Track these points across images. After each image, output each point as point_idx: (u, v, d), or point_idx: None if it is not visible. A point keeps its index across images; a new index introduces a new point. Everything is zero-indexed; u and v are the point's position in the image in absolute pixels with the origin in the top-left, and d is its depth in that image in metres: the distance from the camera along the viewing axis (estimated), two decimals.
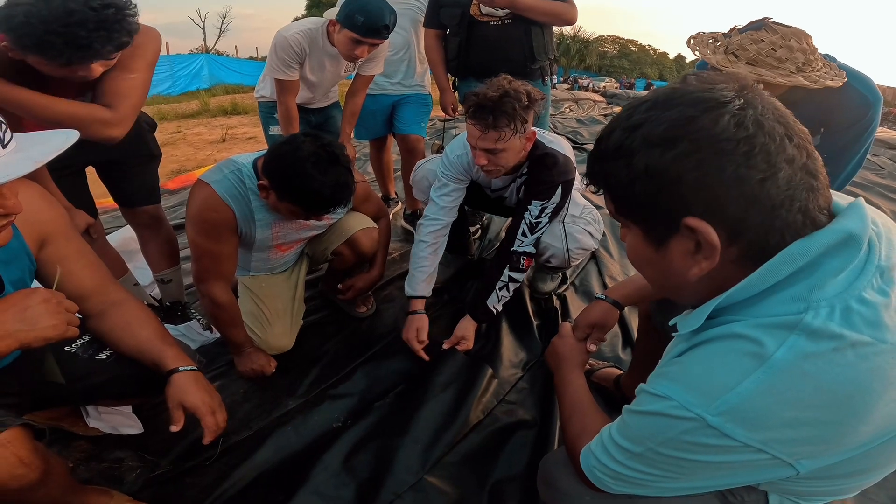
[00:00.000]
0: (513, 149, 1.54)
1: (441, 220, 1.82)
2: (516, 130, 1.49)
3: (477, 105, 1.48)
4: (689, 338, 0.65)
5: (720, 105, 0.54)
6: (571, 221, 1.85)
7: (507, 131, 1.48)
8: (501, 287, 1.72)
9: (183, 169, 4.78)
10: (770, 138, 0.53)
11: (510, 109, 1.45)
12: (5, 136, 0.76)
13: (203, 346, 1.82)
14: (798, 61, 1.37)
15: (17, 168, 0.74)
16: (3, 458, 0.81)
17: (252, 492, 1.27)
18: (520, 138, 1.53)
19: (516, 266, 1.72)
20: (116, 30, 1.14)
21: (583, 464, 0.77)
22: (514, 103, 1.45)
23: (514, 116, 1.46)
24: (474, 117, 1.50)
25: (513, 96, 1.45)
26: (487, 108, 1.46)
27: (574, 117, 7.62)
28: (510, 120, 1.46)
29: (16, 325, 0.84)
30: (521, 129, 1.51)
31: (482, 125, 1.48)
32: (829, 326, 0.53)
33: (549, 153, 1.66)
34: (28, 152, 0.77)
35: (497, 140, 1.49)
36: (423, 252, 1.81)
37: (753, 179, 0.53)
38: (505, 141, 1.50)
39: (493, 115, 1.46)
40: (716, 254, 0.56)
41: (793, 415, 0.53)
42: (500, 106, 1.44)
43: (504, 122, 1.46)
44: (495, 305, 1.74)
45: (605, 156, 0.62)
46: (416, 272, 1.81)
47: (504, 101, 1.44)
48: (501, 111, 1.45)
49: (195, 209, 1.44)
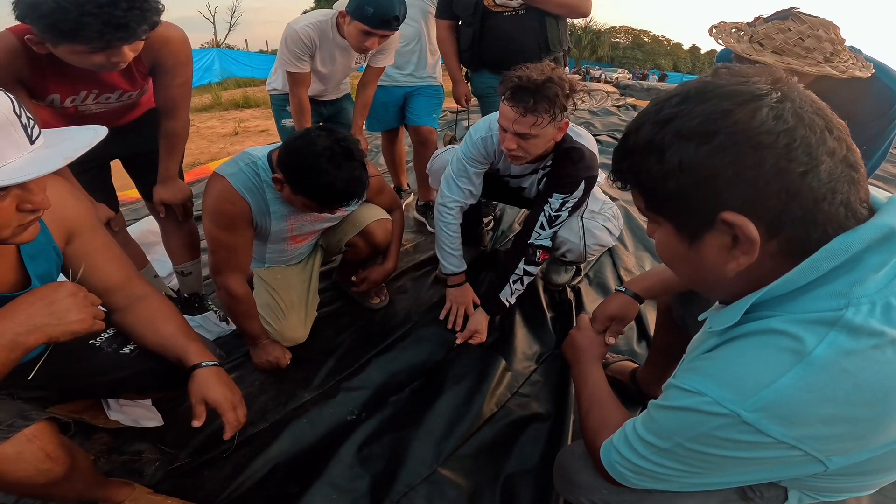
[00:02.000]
0: (545, 136, 1.50)
1: (461, 202, 1.81)
2: (554, 118, 1.45)
3: (518, 87, 1.42)
4: (720, 333, 0.64)
5: (756, 98, 0.53)
6: (590, 217, 1.83)
7: (545, 117, 1.43)
8: (515, 280, 1.70)
9: (197, 162, 4.81)
10: (810, 131, 0.52)
11: (552, 95, 1.40)
12: (33, 132, 0.76)
13: (219, 337, 1.84)
14: (826, 51, 1.34)
15: (48, 164, 0.74)
16: (31, 452, 0.82)
17: (268, 483, 1.28)
18: (554, 127, 1.49)
19: (532, 259, 1.69)
20: (148, 8, 1.15)
21: (603, 458, 0.76)
22: (557, 89, 1.40)
23: (554, 102, 1.41)
24: (513, 99, 1.43)
25: (557, 82, 1.40)
26: (529, 90, 1.40)
27: (587, 108, 7.54)
28: (550, 106, 1.42)
29: (44, 319, 0.85)
30: (559, 118, 1.47)
31: (521, 108, 1.42)
32: (869, 323, 0.52)
33: (576, 147, 1.63)
34: (57, 148, 0.77)
35: (532, 125, 1.44)
36: (450, 231, 1.82)
37: (794, 173, 0.51)
38: (540, 127, 1.45)
39: (535, 99, 1.40)
40: (755, 248, 0.55)
41: (829, 412, 0.53)
42: (544, 90, 1.39)
43: (544, 107, 1.41)
44: (508, 298, 1.73)
45: (634, 151, 0.60)
46: (447, 253, 1.83)
47: (548, 85, 1.39)
48: (543, 95, 1.40)
49: (211, 202, 1.45)
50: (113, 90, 1.44)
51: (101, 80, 1.35)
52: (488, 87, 2.41)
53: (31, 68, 1.25)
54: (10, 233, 0.81)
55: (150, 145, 1.64)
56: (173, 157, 1.66)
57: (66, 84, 1.33)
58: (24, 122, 0.74)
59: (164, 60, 1.44)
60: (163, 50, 1.41)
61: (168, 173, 1.67)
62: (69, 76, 1.24)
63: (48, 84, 1.31)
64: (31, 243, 0.91)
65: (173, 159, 1.66)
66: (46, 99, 1.35)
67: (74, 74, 1.23)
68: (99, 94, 1.42)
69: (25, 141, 0.74)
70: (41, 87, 1.31)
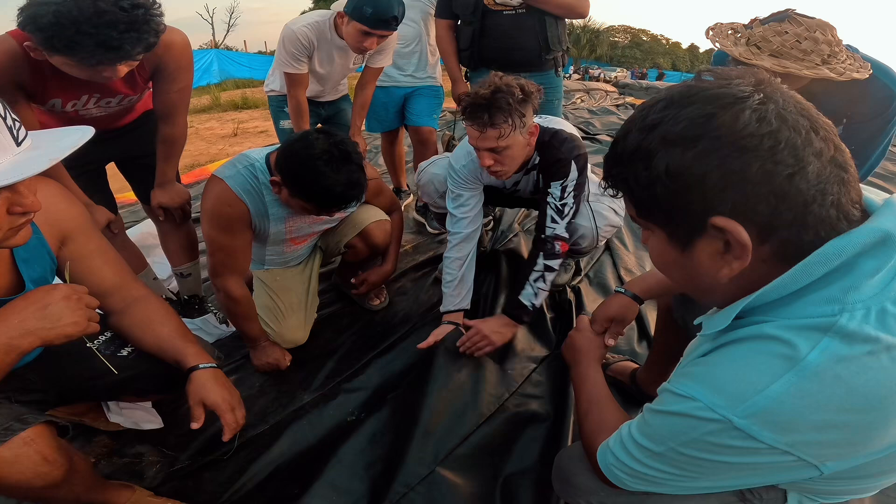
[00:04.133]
0: (516, 145, 1.48)
1: (463, 233, 1.74)
2: (515, 126, 1.43)
3: (470, 105, 1.42)
4: (714, 337, 0.64)
5: (739, 100, 0.53)
6: (595, 199, 1.82)
7: (505, 127, 1.42)
8: (537, 278, 1.61)
9: (196, 163, 4.82)
10: (795, 132, 0.51)
11: (505, 104, 1.39)
12: (19, 133, 0.76)
13: (219, 339, 1.84)
14: (823, 53, 1.34)
15: (33, 166, 0.73)
16: (28, 456, 0.82)
17: (268, 485, 1.28)
18: (521, 133, 1.48)
19: (551, 252, 1.61)
20: (146, 31, 1.15)
21: (600, 461, 0.76)
22: (507, 98, 1.39)
23: (510, 111, 1.41)
24: (470, 118, 1.44)
25: (505, 91, 1.40)
26: (482, 106, 1.40)
27: (586, 108, 7.54)
28: (507, 115, 1.41)
29: (37, 323, 0.84)
30: (521, 124, 1.45)
31: (479, 124, 1.43)
32: (864, 329, 0.51)
33: (554, 133, 1.62)
34: (43, 149, 0.77)
35: (498, 138, 1.44)
36: (447, 266, 1.74)
37: (781, 175, 0.51)
38: (506, 137, 1.44)
39: (489, 113, 1.40)
40: (747, 253, 0.54)
41: (822, 418, 0.52)
42: (494, 102, 1.39)
43: (501, 118, 1.41)
44: (532, 300, 1.61)
45: (622, 158, 0.60)
46: (446, 290, 1.73)
47: (497, 96, 1.39)
48: (496, 107, 1.39)
49: (210, 204, 1.45)
50: (114, 95, 1.44)
51: (102, 84, 1.35)
52: None
53: (32, 72, 1.25)
54: (1, 236, 0.80)
55: (147, 148, 1.65)
56: (170, 162, 1.66)
57: (67, 89, 1.33)
58: (9, 123, 0.74)
59: (166, 65, 1.45)
60: (165, 55, 1.41)
61: (165, 177, 1.67)
62: (70, 81, 1.24)
63: (49, 89, 1.31)
64: (24, 247, 0.91)
65: (170, 164, 1.67)
66: (47, 104, 1.36)
67: (75, 79, 1.23)
68: (100, 98, 1.42)
69: (11, 143, 0.74)
70: (41, 92, 1.31)
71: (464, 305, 1.73)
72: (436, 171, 1.97)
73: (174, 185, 1.71)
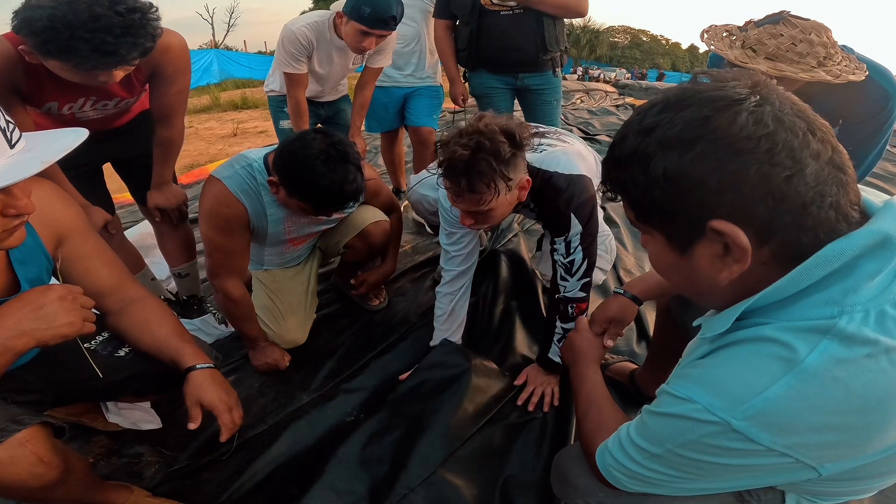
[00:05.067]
0: (501, 206, 1.25)
1: (455, 270, 1.61)
2: (499, 191, 1.19)
3: (447, 165, 1.19)
4: (713, 339, 0.63)
5: (735, 103, 0.52)
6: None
7: (487, 195, 1.19)
8: (560, 339, 1.52)
9: (196, 163, 4.82)
10: (792, 134, 0.51)
11: (486, 169, 1.15)
12: (13, 135, 0.76)
13: (218, 340, 1.83)
14: (819, 55, 1.33)
15: (26, 168, 0.73)
16: (23, 457, 0.82)
17: (267, 486, 1.28)
18: (507, 195, 1.24)
19: (566, 316, 1.48)
20: (142, 35, 1.14)
21: (598, 461, 0.76)
22: (489, 161, 1.14)
23: (492, 176, 1.16)
24: (446, 178, 1.21)
25: (488, 150, 1.14)
26: (458, 169, 1.16)
27: (585, 108, 7.54)
28: (488, 182, 1.17)
29: (32, 324, 0.84)
30: (506, 188, 1.21)
31: (455, 190, 1.21)
32: (863, 332, 0.51)
33: (548, 180, 1.38)
34: (37, 152, 0.77)
35: (479, 203, 1.22)
36: (441, 302, 1.63)
37: (779, 177, 0.51)
38: (487, 203, 1.21)
39: (468, 179, 1.16)
40: (747, 256, 0.54)
41: (820, 420, 0.52)
42: (474, 165, 1.14)
43: (481, 185, 1.17)
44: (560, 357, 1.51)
45: (619, 162, 0.60)
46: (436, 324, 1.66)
47: (477, 158, 1.14)
48: (476, 172, 1.15)
49: (208, 205, 1.45)
50: (111, 97, 1.44)
51: (98, 87, 1.35)
52: (486, 86, 2.41)
53: (28, 76, 1.24)
54: None
55: (144, 149, 1.64)
56: (167, 164, 1.66)
57: (64, 92, 1.32)
58: (2, 125, 0.74)
59: (164, 68, 1.44)
60: (162, 58, 1.40)
61: (162, 179, 1.67)
62: (67, 84, 1.24)
63: (45, 92, 1.30)
64: (19, 248, 0.90)
65: (167, 166, 1.66)
66: (44, 106, 1.35)
67: (72, 82, 1.22)
68: (97, 101, 1.42)
69: (4, 145, 0.74)
70: (38, 95, 1.31)
71: (454, 340, 1.65)
72: (424, 192, 1.88)
73: (171, 187, 1.70)
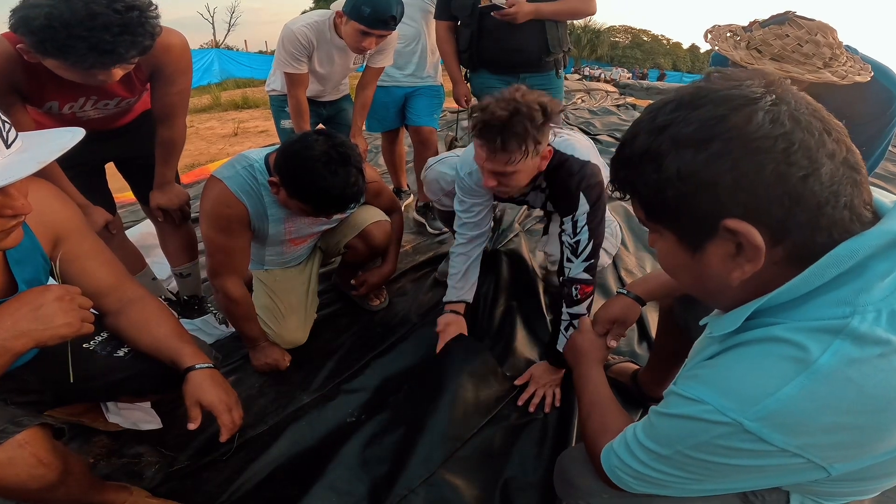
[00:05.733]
0: (525, 170, 1.35)
1: (467, 234, 1.69)
2: (528, 153, 1.30)
3: (484, 123, 1.28)
4: (722, 339, 0.63)
5: (751, 102, 0.52)
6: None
7: (517, 154, 1.29)
8: (566, 326, 1.52)
9: (196, 163, 4.81)
10: (808, 133, 0.51)
11: (521, 130, 1.25)
12: (9, 135, 0.76)
13: (218, 340, 1.83)
14: (825, 56, 1.32)
15: (21, 169, 0.73)
16: (22, 458, 0.82)
17: (267, 486, 1.27)
18: (533, 158, 1.34)
19: (571, 299, 1.50)
20: (140, 33, 1.13)
21: (604, 463, 0.76)
22: (525, 123, 1.25)
23: (525, 138, 1.26)
24: (481, 137, 1.30)
25: (525, 114, 1.25)
26: (495, 127, 1.26)
27: (586, 108, 7.54)
28: (521, 142, 1.27)
29: (30, 325, 0.84)
30: (535, 151, 1.31)
31: (489, 147, 1.30)
32: (875, 331, 0.51)
33: (564, 161, 1.47)
34: (33, 152, 0.77)
35: (507, 163, 1.31)
36: (452, 261, 1.72)
37: (795, 177, 0.50)
38: (515, 164, 1.31)
39: (502, 137, 1.26)
40: (760, 256, 0.54)
41: (833, 420, 0.52)
42: (511, 126, 1.25)
43: (514, 144, 1.27)
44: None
45: (630, 161, 0.59)
46: (451, 281, 1.72)
47: (514, 120, 1.24)
48: (512, 133, 1.25)
49: (208, 205, 1.44)
50: (112, 97, 1.43)
51: (99, 87, 1.34)
52: (488, 87, 2.39)
53: (27, 75, 1.24)
54: None
55: (145, 148, 1.64)
56: (169, 164, 1.66)
57: (64, 91, 1.32)
58: None
59: (164, 68, 1.43)
60: (163, 57, 1.40)
61: (164, 179, 1.67)
62: (67, 83, 1.23)
63: (45, 91, 1.30)
64: (16, 248, 0.90)
65: (169, 166, 1.66)
66: (44, 106, 1.35)
67: (72, 82, 1.21)
68: (98, 100, 1.41)
69: (0, 145, 0.74)
70: (38, 95, 1.30)
71: (467, 298, 1.72)
72: (443, 170, 1.91)
73: (173, 187, 1.70)
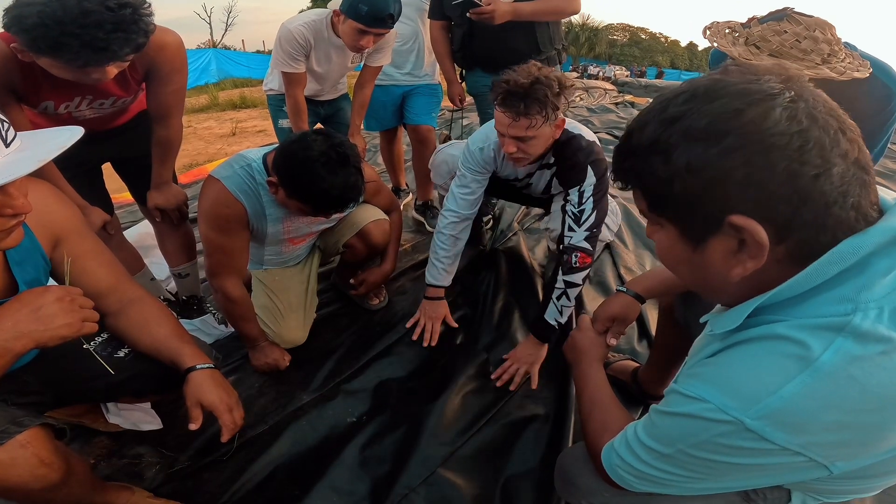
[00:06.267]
0: (543, 136, 1.51)
1: (459, 213, 1.78)
2: (548, 118, 1.45)
3: (507, 92, 1.43)
4: (723, 337, 0.63)
5: (769, 97, 0.51)
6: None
7: (538, 119, 1.44)
8: (559, 296, 1.57)
9: (194, 163, 4.80)
10: (824, 132, 0.50)
11: (542, 96, 1.41)
12: (8, 134, 0.75)
13: (218, 340, 1.82)
14: (823, 53, 1.32)
15: (21, 167, 0.73)
16: (24, 458, 0.82)
17: (268, 486, 1.27)
18: (550, 126, 1.50)
19: (569, 265, 1.55)
20: (134, 31, 1.12)
21: (604, 461, 0.76)
22: (545, 90, 1.41)
23: (545, 103, 1.42)
24: (504, 105, 1.45)
25: (544, 83, 1.41)
26: (518, 94, 1.41)
27: (585, 106, 7.53)
28: (542, 107, 1.42)
29: (30, 326, 0.84)
30: (553, 117, 1.47)
31: (513, 112, 1.44)
32: (877, 329, 0.51)
33: (573, 137, 1.62)
34: (32, 151, 0.76)
35: (528, 128, 1.45)
36: (442, 241, 1.79)
37: (807, 176, 0.50)
38: (536, 128, 1.46)
39: (525, 103, 1.41)
40: (763, 253, 0.53)
41: (836, 418, 0.52)
42: (532, 93, 1.40)
43: (536, 109, 1.42)
44: (557, 318, 1.58)
45: (637, 151, 0.58)
46: (435, 262, 1.80)
47: (535, 87, 1.40)
48: (533, 98, 1.41)
49: (207, 205, 1.44)
50: (107, 96, 1.42)
51: (94, 86, 1.33)
52: (482, 86, 2.39)
53: (22, 75, 1.23)
54: None
55: (142, 149, 1.63)
56: (166, 164, 1.65)
57: (60, 91, 1.31)
58: None
59: (159, 67, 1.43)
60: (158, 56, 1.39)
61: (161, 179, 1.66)
62: (62, 83, 1.23)
63: (41, 91, 1.29)
64: (17, 249, 0.90)
65: (166, 166, 1.65)
66: (40, 106, 1.34)
67: (67, 81, 1.21)
68: (93, 100, 1.41)
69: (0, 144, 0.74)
70: (34, 94, 1.30)
71: (447, 283, 1.83)
72: (452, 152, 1.99)
73: (170, 187, 1.70)
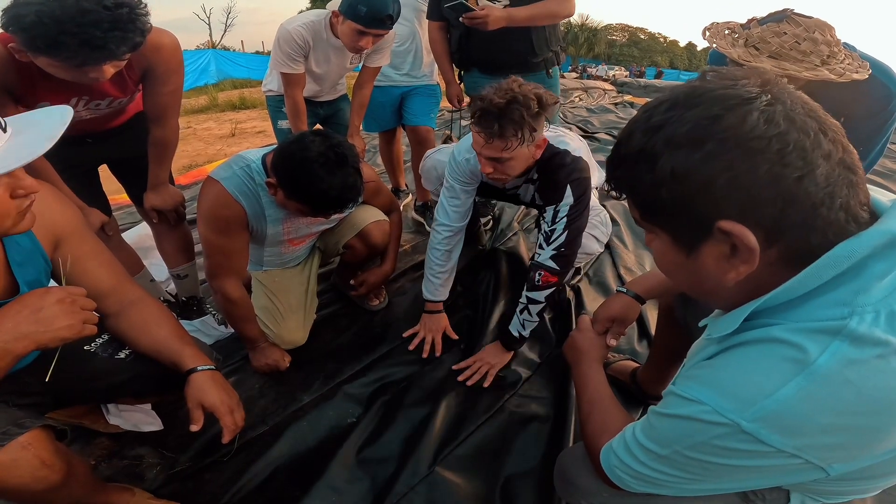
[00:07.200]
0: (520, 157, 1.43)
1: (451, 227, 1.76)
2: (524, 140, 1.37)
3: (482, 111, 1.36)
4: (720, 340, 0.63)
5: (746, 101, 0.52)
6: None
7: (513, 141, 1.36)
8: (521, 310, 1.59)
9: (194, 164, 4.80)
10: (804, 134, 0.51)
11: (517, 118, 1.33)
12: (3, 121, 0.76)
13: (218, 341, 1.83)
14: (823, 54, 1.32)
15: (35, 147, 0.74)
16: (25, 460, 0.82)
17: (269, 486, 1.28)
18: (528, 147, 1.42)
19: (532, 283, 1.55)
20: (130, 30, 1.13)
21: (603, 462, 0.76)
22: (521, 111, 1.32)
23: (521, 125, 1.34)
24: (479, 124, 1.38)
25: (521, 102, 1.32)
26: (493, 114, 1.34)
27: (584, 106, 7.54)
28: (517, 129, 1.34)
29: (31, 327, 0.84)
30: (530, 138, 1.39)
31: (487, 133, 1.37)
32: (874, 332, 0.51)
33: (557, 154, 1.55)
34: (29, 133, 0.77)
35: (503, 149, 1.38)
36: (436, 257, 1.77)
37: (790, 178, 0.50)
38: (511, 150, 1.38)
39: (499, 123, 1.34)
40: (754, 257, 0.54)
41: (831, 421, 0.52)
42: (507, 113, 1.32)
43: (511, 131, 1.34)
44: (519, 330, 1.62)
45: (625, 160, 0.59)
46: (431, 278, 1.78)
47: (511, 107, 1.32)
48: (508, 119, 1.33)
49: (206, 206, 1.44)
50: (103, 97, 1.43)
51: (91, 87, 1.34)
52: (479, 86, 2.39)
53: (19, 75, 1.24)
54: (11, 222, 0.82)
55: (139, 150, 1.63)
56: (163, 165, 1.65)
57: (56, 91, 1.31)
58: None
59: (156, 68, 1.43)
60: (154, 57, 1.40)
61: (158, 180, 1.66)
62: (59, 83, 1.23)
63: (38, 92, 1.29)
64: (18, 250, 0.91)
65: (163, 167, 1.66)
66: (36, 107, 1.34)
67: (64, 82, 1.21)
68: (89, 101, 1.41)
69: None
70: (30, 95, 1.30)
71: (444, 297, 1.82)
72: (440, 158, 1.97)
73: (167, 188, 1.70)
